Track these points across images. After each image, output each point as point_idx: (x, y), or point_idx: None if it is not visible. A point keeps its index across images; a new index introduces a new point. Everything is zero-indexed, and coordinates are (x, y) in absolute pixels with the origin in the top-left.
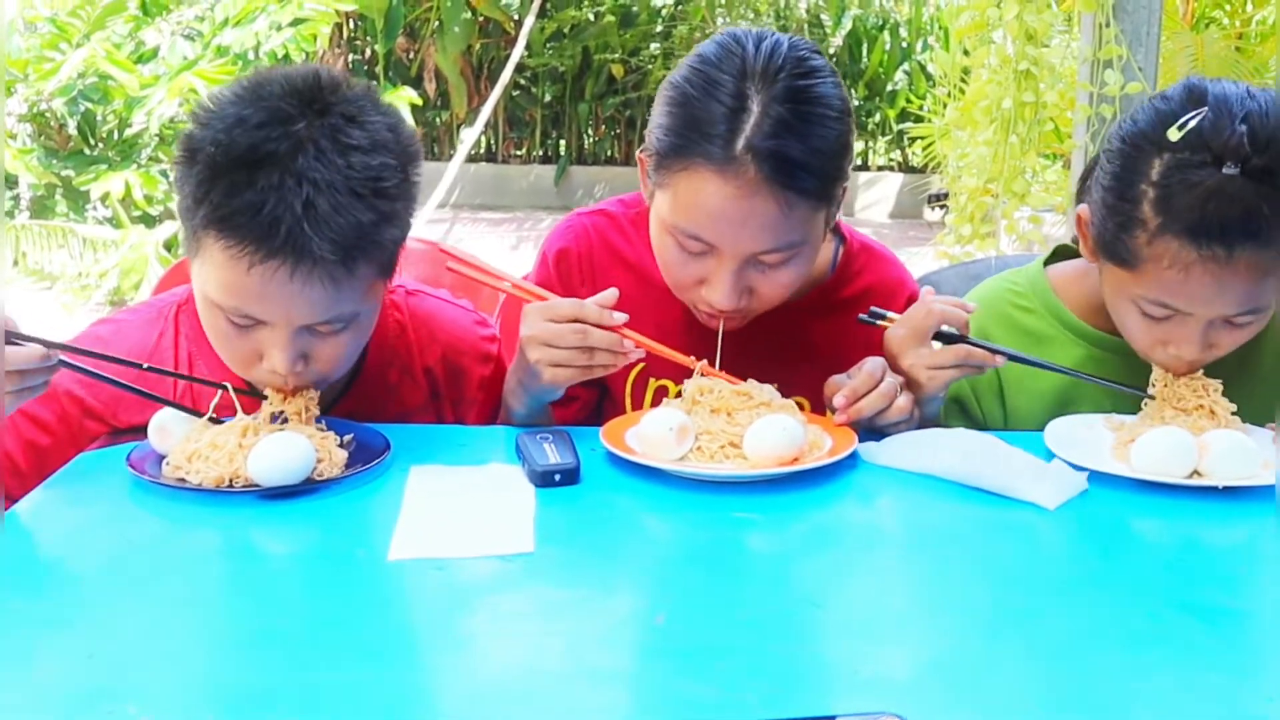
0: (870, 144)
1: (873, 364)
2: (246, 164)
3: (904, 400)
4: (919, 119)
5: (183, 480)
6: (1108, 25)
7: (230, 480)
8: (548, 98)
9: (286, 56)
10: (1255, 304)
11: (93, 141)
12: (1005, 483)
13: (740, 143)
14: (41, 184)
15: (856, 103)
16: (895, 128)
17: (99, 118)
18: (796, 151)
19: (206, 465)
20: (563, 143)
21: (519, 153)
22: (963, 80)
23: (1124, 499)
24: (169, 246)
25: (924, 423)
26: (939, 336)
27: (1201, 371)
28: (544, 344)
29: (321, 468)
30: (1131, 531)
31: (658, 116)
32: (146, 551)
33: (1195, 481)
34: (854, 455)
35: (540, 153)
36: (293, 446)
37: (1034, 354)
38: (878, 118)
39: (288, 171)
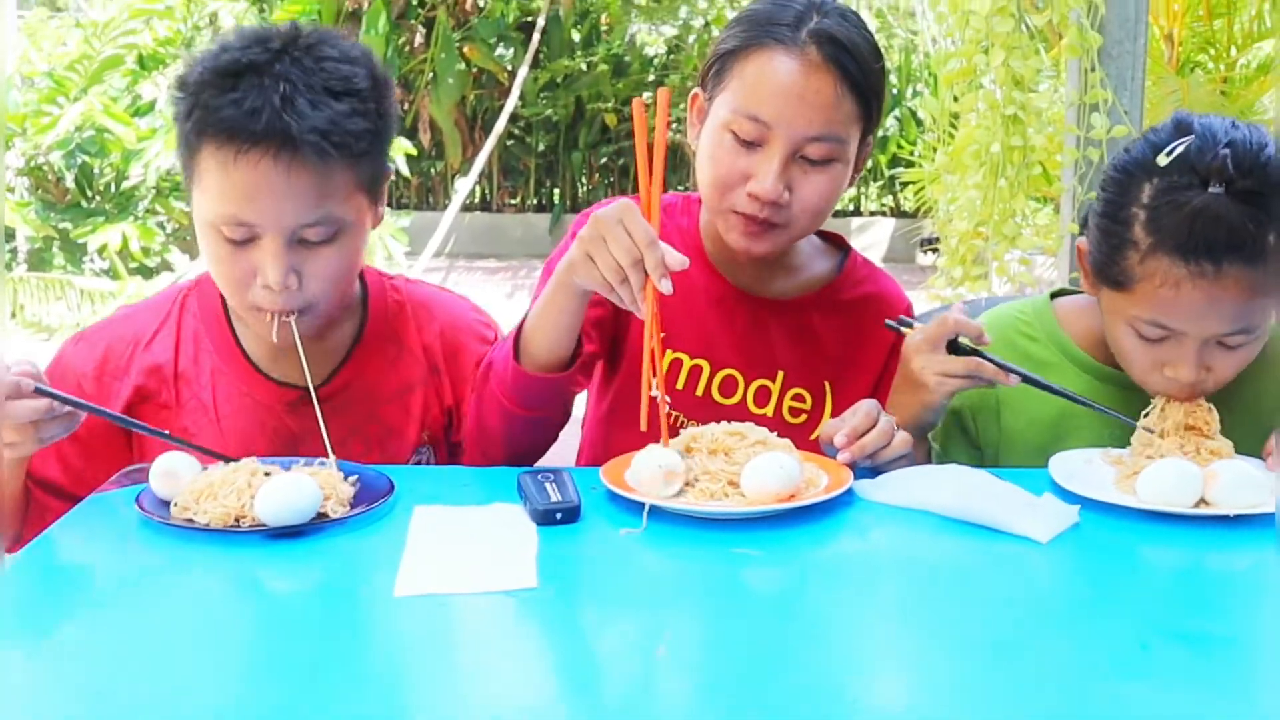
0: (862, 189)
1: (868, 405)
2: (231, 73)
3: (901, 437)
4: (910, 164)
5: (190, 520)
6: (1093, 70)
7: (237, 519)
8: (541, 147)
9: None
10: (1245, 323)
11: (90, 194)
12: (998, 517)
13: (805, 30)
14: (39, 236)
15: None
16: (887, 173)
17: (96, 171)
18: (851, 43)
19: (214, 505)
20: (557, 191)
21: (514, 201)
22: (952, 125)
23: (1119, 529)
24: None
25: (921, 431)
26: (955, 349)
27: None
28: (601, 238)
29: (328, 506)
30: (1125, 563)
31: (726, 32)
32: (155, 590)
33: (1203, 511)
34: (849, 492)
35: (535, 201)
36: (299, 486)
37: None
38: (869, 163)
39: (267, 74)
